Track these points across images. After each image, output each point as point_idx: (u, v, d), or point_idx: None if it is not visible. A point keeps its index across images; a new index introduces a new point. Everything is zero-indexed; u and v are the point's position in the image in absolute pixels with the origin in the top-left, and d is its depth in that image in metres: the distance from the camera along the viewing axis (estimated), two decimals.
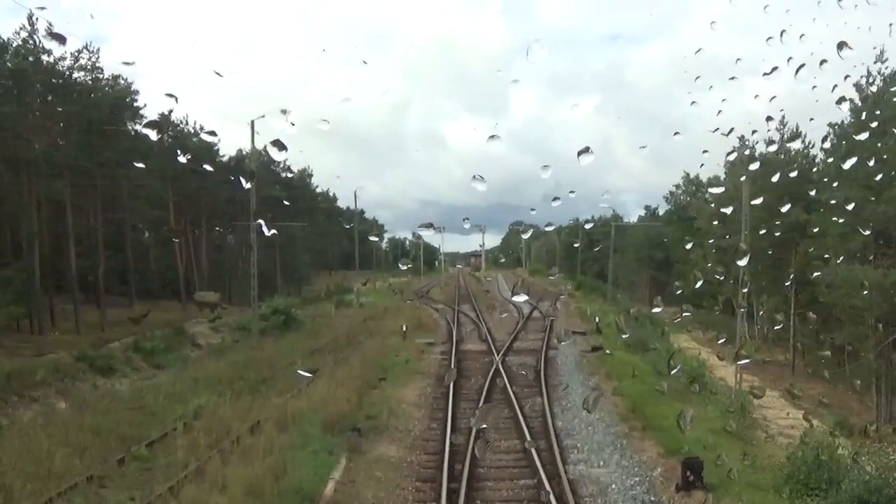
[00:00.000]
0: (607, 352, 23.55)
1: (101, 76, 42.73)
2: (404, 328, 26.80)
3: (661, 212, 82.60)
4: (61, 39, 2.38)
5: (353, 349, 22.84)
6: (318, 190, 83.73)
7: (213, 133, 28.49)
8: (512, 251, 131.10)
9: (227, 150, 63.48)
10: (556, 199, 3.02)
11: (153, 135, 2.39)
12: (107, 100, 42.34)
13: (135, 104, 45.08)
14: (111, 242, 48.53)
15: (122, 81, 44.98)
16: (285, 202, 68.49)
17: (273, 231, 3.67)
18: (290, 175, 72.04)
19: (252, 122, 26.54)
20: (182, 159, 42.33)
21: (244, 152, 65.51)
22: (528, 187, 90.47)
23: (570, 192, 3.21)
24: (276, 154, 2.31)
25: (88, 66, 42.64)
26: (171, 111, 55.08)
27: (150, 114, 56.10)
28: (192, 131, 58.27)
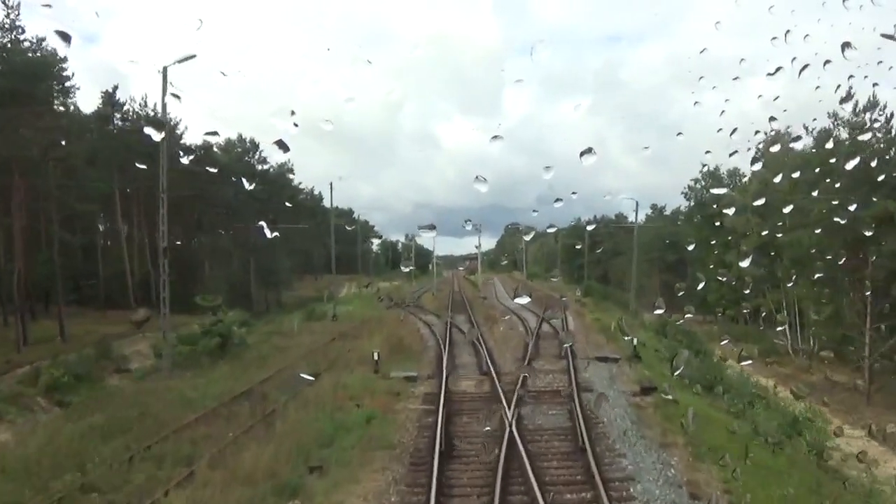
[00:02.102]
0: (666, 395, 16.08)
1: (21, 38, 35.12)
2: (376, 357, 19.38)
3: (667, 211, 77.83)
4: (66, 38, 2.32)
5: (294, 394, 15.44)
6: (302, 186, 76.67)
7: (214, 133, 21.97)
8: (507, 254, 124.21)
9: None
10: (558, 200, 3.08)
11: (155, 135, 2.34)
12: (26, 66, 34.33)
13: (63, 73, 37.22)
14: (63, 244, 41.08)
15: (49, 48, 37.34)
16: (287, 203, 61.12)
17: (275, 233, 3.87)
18: (265, 168, 63.90)
19: (164, 68, 19.23)
20: (184, 160, 35.31)
21: (217, 138, 57.84)
22: (523, 189, 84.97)
23: (573, 193, 3.27)
24: (279, 154, 1.13)
25: (6, 26, 35.18)
26: (116, 87, 47.58)
27: (84, 85, 48.02)
28: (153, 113, 50.87)
